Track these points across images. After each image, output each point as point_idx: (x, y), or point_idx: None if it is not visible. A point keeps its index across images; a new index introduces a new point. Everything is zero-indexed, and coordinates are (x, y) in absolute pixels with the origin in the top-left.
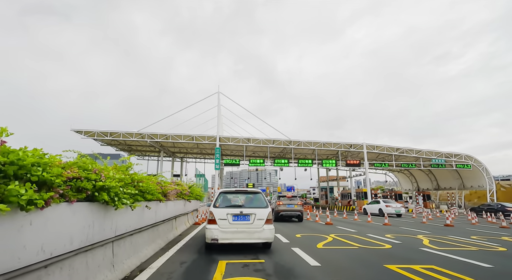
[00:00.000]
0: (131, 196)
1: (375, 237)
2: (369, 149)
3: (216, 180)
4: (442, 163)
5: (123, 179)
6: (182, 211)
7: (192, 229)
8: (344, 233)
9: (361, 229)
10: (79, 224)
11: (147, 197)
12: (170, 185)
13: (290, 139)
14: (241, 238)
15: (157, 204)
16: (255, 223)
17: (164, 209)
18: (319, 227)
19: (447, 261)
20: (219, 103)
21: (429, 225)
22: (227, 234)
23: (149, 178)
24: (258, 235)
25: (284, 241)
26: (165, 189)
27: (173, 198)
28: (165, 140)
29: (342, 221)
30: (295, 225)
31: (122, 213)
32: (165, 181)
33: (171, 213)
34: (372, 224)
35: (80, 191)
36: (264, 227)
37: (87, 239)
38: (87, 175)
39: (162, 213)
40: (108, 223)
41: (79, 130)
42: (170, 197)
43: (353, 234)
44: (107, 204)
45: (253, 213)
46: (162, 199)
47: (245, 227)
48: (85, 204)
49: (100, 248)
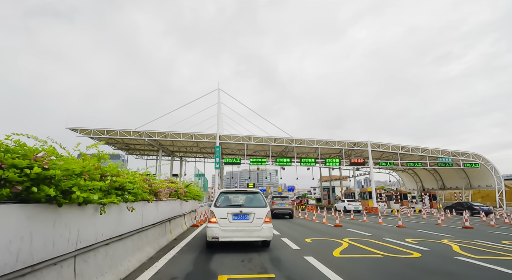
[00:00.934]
0: (104, 194)
1: (395, 242)
2: (373, 148)
3: (216, 179)
4: (449, 162)
5: (85, 167)
6: (177, 212)
7: (190, 232)
8: (358, 237)
9: (375, 232)
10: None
11: (127, 198)
12: (162, 183)
13: (292, 138)
14: (241, 236)
15: (144, 205)
16: (254, 222)
17: (153, 211)
18: (329, 230)
19: (501, 276)
20: (219, 101)
21: (446, 227)
22: (227, 233)
23: (133, 173)
24: (257, 233)
25: (294, 248)
26: (155, 187)
27: (165, 198)
28: (164, 138)
29: (351, 223)
30: (302, 227)
31: (90, 217)
32: (154, 178)
33: (164, 215)
34: (384, 226)
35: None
36: (263, 226)
37: (17, 261)
38: (14, 161)
39: (152, 215)
40: (61, 232)
41: (75, 128)
42: (161, 196)
43: (369, 238)
44: (58, 202)
45: (253, 212)
46: (150, 198)
47: (245, 226)
48: (11, 207)
49: (49, 268)
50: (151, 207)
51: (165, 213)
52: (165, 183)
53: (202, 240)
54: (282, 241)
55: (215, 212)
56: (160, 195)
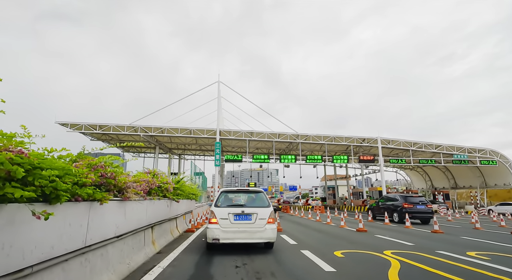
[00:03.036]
0: None
1: (458, 257)
2: (383, 144)
3: (216, 178)
4: (465, 159)
5: None
6: (164, 216)
7: (182, 239)
8: (400, 249)
9: (413, 240)
10: None
11: (28, 195)
12: (128, 175)
13: (297, 133)
14: (243, 238)
15: (89, 207)
16: (257, 222)
17: (114, 217)
18: (354, 237)
19: None
20: (219, 94)
21: (490, 233)
22: (229, 234)
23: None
24: (260, 235)
25: (325, 268)
26: (119, 181)
27: (137, 197)
28: (161, 134)
29: (373, 226)
30: (319, 233)
31: None
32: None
33: (140, 221)
34: (414, 231)
35: None
36: (266, 227)
37: None
38: None
39: (111, 223)
40: None
41: (65, 123)
42: (129, 194)
43: (417, 251)
44: None
45: (255, 212)
46: (101, 198)
47: (247, 227)
48: None
49: None
50: (109, 211)
51: (142, 218)
52: (142, 177)
53: (197, 251)
54: (303, 255)
55: (216, 212)
56: (127, 192)
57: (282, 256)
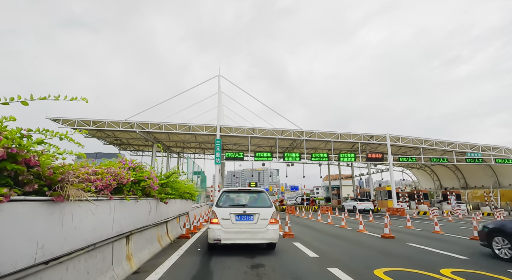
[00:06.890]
0: None
1: None
2: (392, 141)
3: (216, 177)
4: (479, 157)
5: None
6: (146, 221)
7: (173, 249)
8: (459, 267)
9: (463, 251)
10: None
11: None
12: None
13: (301, 130)
14: (244, 238)
15: None
16: (259, 223)
17: (29, 230)
18: (386, 247)
19: None
20: (219, 89)
21: None
22: (230, 234)
23: None
24: (262, 235)
25: None
26: (44, 167)
27: (90, 195)
28: (158, 130)
29: (397, 231)
30: (339, 240)
31: None
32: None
33: (97, 230)
34: (448, 237)
35: None
36: (268, 227)
37: None
38: None
39: (21, 243)
40: None
41: (56, 119)
42: (69, 191)
43: (480, 270)
44: None
45: (257, 212)
46: None
47: (249, 227)
48: None
49: None
50: (16, 221)
51: (105, 225)
52: (110, 167)
53: (190, 267)
54: (334, 277)
55: (217, 213)
56: (67, 188)
57: (306, 279)
